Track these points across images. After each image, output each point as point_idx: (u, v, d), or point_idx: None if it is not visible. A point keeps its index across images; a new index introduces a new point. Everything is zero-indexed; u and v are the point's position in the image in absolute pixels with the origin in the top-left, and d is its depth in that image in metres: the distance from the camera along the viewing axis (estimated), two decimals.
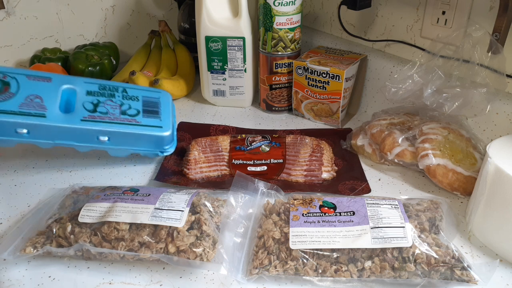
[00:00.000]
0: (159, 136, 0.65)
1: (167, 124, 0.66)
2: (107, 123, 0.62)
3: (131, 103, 0.65)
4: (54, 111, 0.60)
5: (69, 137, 0.61)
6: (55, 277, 0.50)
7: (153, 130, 0.64)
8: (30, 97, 0.60)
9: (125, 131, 0.62)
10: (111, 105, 0.64)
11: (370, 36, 0.88)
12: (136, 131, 0.63)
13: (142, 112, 0.65)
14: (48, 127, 0.59)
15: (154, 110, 0.67)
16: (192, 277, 0.50)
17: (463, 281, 0.46)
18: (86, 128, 0.61)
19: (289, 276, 0.49)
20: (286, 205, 0.55)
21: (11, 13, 0.96)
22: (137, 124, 0.63)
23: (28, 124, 0.58)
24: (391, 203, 0.53)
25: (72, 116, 0.61)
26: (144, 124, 0.64)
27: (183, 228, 0.50)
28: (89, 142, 0.62)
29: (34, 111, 0.59)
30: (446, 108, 0.67)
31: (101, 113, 0.62)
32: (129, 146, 0.65)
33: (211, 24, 0.84)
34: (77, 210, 0.54)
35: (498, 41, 0.64)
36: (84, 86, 0.65)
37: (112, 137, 0.62)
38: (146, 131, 0.64)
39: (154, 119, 0.65)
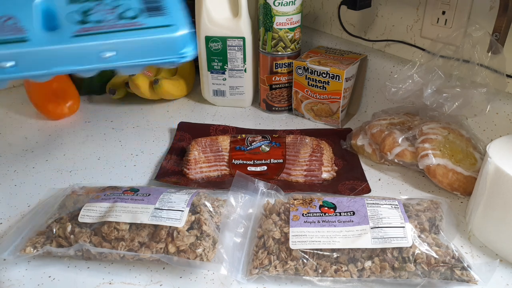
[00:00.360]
0: (171, 38, 0.51)
1: (178, 19, 0.52)
2: (105, 34, 0.49)
3: (126, 2, 0.52)
4: (36, 31, 0.48)
5: (66, 61, 0.49)
6: (55, 277, 0.50)
7: (162, 31, 0.50)
8: (1, 19, 0.48)
9: (129, 39, 0.50)
10: (103, 10, 0.51)
11: (370, 36, 0.88)
12: (143, 37, 0.50)
13: (143, 10, 0.52)
14: (35, 53, 0.47)
15: (157, 6, 0.53)
16: (192, 277, 0.50)
17: (463, 281, 0.46)
18: (81, 45, 0.48)
19: (289, 276, 0.49)
20: (286, 205, 0.55)
21: None
22: (140, 28, 0.50)
23: (10, 54, 0.47)
24: (391, 203, 0.53)
25: (59, 33, 0.49)
26: (150, 26, 0.50)
27: (183, 228, 0.50)
28: (91, 62, 0.50)
29: (11, 36, 0.47)
30: (446, 108, 0.67)
31: (94, 22, 0.50)
32: (138, 59, 0.52)
33: (211, 24, 0.84)
34: (77, 210, 0.54)
35: (498, 41, 0.64)
36: None
37: (118, 50, 0.50)
38: (154, 35, 0.50)
39: (160, 17, 0.51)
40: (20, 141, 0.80)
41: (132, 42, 0.50)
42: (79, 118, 0.88)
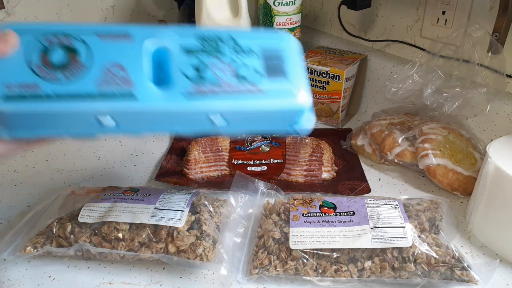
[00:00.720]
0: (291, 107, 0.43)
1: (299, 86, 0.43)
2: (220, 98, 0.42)
3: (245, 59, 0.44)
4: (145, 85, 0.41)
5: (170, 122, 0.43)
6: (55, 277, 0.50)
7: (284, 101, 0.43)
8: (109, 68, 0.40)
9: (246, 108, 0.42)
10: (220, 66, 0.43)
11: (370, 36, 0.88)
12: (262, 105, 0.42)
13: (264, 73, 0.43)
14: (141, 112, 0.40)
15: (279, 67, 0.44)
16: (192, 277, 0.50)
17: (463, 281, 0.46)
18: (191, 108, 0.41)
19: (289, 276, 0.49)
20: (286, 205, 0.55)
21: (11, 13, 0.96)
22: (261, 95, 0.42)
23: (115, 111, 0.40)
24: (391, 203, 0.53)
25: (170, 90, 0.41)
26: (271, 94, 0.43)
27: (183, 228, 0.50)
28: (197, 126, 0.43)
29: (118, 90, 0.40)
30: (446, 108, 0.67)
31: (208, 81, 0.42)
32: (249, 126, 0.45)
33: (211, 24, 0.84)
34: (77, 210, 0.54)
35: (498, 41, 0.64)
36: (177, 39, 0.44)
37: (229, 116, 0.43)
38: (275, 105, 0.43)
39: (280, 81, 0.43)
40: None
41: (246, 109, 0.43)
42: None
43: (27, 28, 0.40)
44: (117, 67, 0.40)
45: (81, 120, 0.39)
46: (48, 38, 0.40)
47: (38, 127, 0.39)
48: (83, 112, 0.39)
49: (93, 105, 0.38)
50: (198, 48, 0.44)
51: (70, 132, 0.41)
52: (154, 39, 0.43)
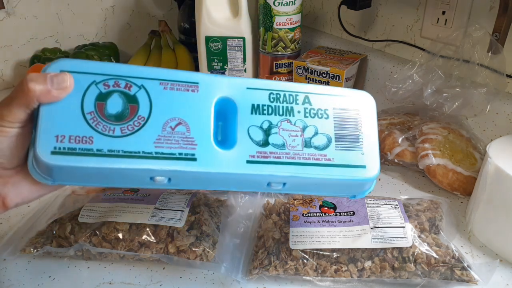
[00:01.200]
0: (359, 180, 0.40)
1: (373, 157, 0.40)
2: (283, 165, 0.38)
3: (317, 123, 0.40)
4: (208, 147, 0.37)
5: (228, 184, 0.39)
6: (55, 277, 0.50)
7: (351, 172, 0.39)
8: (170, 124, 0.36)
9: (309, 176, 0.38)
10: (289, 130, 0.39)
11: (370, 36, 0.88)
12: (326, 175, 0.39)
13: (334, 139, 0.40)
14: (199, 174, 0.37)
15: (353, 136, 0.40)
16: (192, 277, 0.50)
17: (463, 281, 0.46)
18: (253, 173, 0.38)
19: (289, 276, 0.49)
20: (286, 205, 0.55)
21: (11, 13, 0.96)
22: (328, 164, 0.39)
23: (170, 172, 0.36)
24: (391, 203, 0.53)
25: (234, 154, 0.37)
26: (338, 164, 0.39)
27: (183, 228, 0.50)
28: (254, 188, 0.42)
29: (178, 150, 0.36)
30: (446, 108, 0.67)
31: (275, 146, 0.38)
32: (311, 192, 0.44)
33: (211, 24, 0.84)
34: (77, 210, 0.54)
35: (498, 41, 0.64)
36: (247, 94, 0.39)
37: (289, 184, 0.40)
38: (341, 175, 0.39)
39: (352, 151, 0.40)
40: None
41: (309, 179, 0.39)
42: None
43: (82, 66, 0.36)
44: (178, 123, 0.36)
45: (133, 177, 0.37)
46: (106, 81, 0.36)
47: (86, 180, 0.37)
48: (137, 171, 0.35)
49: (149, 165, 0.35)
50: (268, 107, 0.39)
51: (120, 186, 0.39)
52: (223, 92, 0.38)
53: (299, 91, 0.40)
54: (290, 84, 0.40)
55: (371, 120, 0.42)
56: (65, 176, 0.36)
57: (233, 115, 0.38)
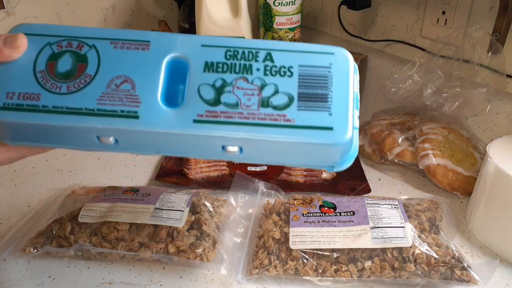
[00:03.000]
0: (327, 144, 0.35)
1: (342, 119, 0.35)
2: (235, 126, 0.35)
3: (279, 81, 0.36)
4: (153, 105, 0.35)
5: (178, 147, 0.38)
6: (55, 277, 0.50)
7: (314, 134, 0.34)
8: (116, 82, 0.36)
9: (265, 139, 0.35)
10: (245, 89, 0.36)
11: (370, 36, 0.88)
12: (285, 138, 0.35)
13: (297, 98, 0.35)
14: (143, 133, 0.36)
15: (320, 95, 0.35)
16: (192, 277, 0.50)
17: (463, 281, 0.46)
18: (201, 134, 0.35)
19: (289, 276, 0.49)
20: (286, 205, 0.55)
21: (11, 13, 0.96)
22: (287, 126, 0.35)
23: (113, 130, 0.35)
24: (391, 203, 0.53)
25: (180, 113, 0.35)
26: (299, 125, 0.35)
27: (183, 228, 0.50)
28: (209, 154, 0.38)
29: (120, 107, 0.35)
30: (446, 108, 0.67)
31: (227, 105, 0.35)
32: (273, 161, 0.39)
33: (211, 24, 0.84)
34: (77, 210, 0.54)
35: (498, 41, 0.64)
36: (202, 53, 0.37)
37: (246, 149, 0.36)
38: (303, 138, 0.34)
39: (317, 111, 0.35)
40: None
41: (269, 143, 0.35)
42: None
43: (40, 29, 0.37)
44: (124, 81, 0.36)
45: (80, 136, 0.36)
46: (60, 42, 0.36)
47: (37, 139, 0.37)
48: (81, 129, 0.35)
49: (92, 123, 0.35)
50: (224, 65, 0.37)
51: (71, 146, 0.38)
52: (176, 51, 0.37)
53: (260, 48, 0.37)
54: (252, 41, 0.37)
55: (345, 78, 0.36)
56: (17, 134, 0.36)
57: (184, 74, 0.36)
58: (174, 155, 0.39)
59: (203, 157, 0.39)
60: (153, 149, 0.38)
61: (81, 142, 0.37)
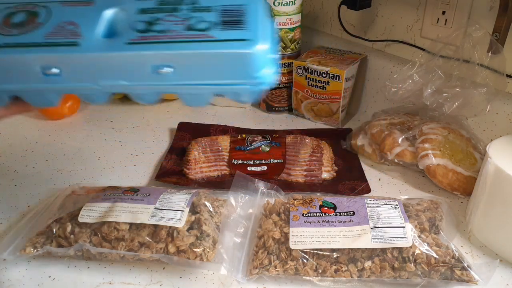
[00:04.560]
0: (246, 54, 0.39)
1: (257, 34, 0.40)
2: (163, 44, 0.40)
3: (202, 15, 0.42)
4: (92, 37, 0.41)
5: (114, 73, 0.41)
6: (55, 277, 0.50)
7: (235, 45, 0.40)
8: (61, 25, 0.42)
9: (191, 52, 0.40)
10: (172, 20, 0.42)
11: (370, 36, 0.88)
12: (210, 49, 0.40)
13: (218, 23, 0.41)
14: (82, 59, 0.40)
15: (237, 20, 0.42)
16: (192, 277, 0.50)
17: (463, 281, 0.46)
18: (134, 54, 0.40)
19: (289, 276, 0.49)
20: (286, 205, 0.55)
21: None
22: (210, 40, 0.40)
23: (57, 58, 0.40)
24: (391, 203, 0.53)
25: (114, 41, 0.41)
26: (220, 39, 0.40)
27: (183, 228, 0.50)
28: (143, 78, 0.41)
29: (64, 39, 0.41)
30: (446, 108, 0.67)
31: (156, 32, 0.41)
32: (204, 80, 0.42)
33: None
34: (77, 210, 0.54)
35: (498, 41, 0.64)
36: (137, 4, 0.44)
37: (174, 64, 0.40)
38: (225, 48, 0.40)
39: (236, 30, 0.41)
40: (20, 141, 0.80)
41: (194, 56, 0.40)
42: (79, 118, 0.88)
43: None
44: (70, 24, 0.42)
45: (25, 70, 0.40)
46: (16, 6, 0.43)
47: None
48: (27, 60, 0.40)
49: (37, 52, 0.40)
50: (155, 8, 0.44)
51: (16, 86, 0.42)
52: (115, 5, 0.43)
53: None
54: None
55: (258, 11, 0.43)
56: None
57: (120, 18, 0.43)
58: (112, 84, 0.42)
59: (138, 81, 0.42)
60: (93, 79, 0.42)
61: (26, 77, 0.41)
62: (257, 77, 0.41)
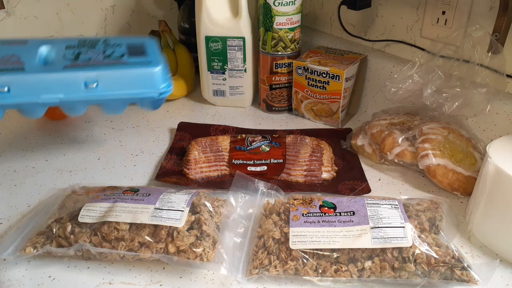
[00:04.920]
0: (149, 72, 0.59)
1: (156, 59, 0.61)
2: (91, 67, 0.58)
3: (114, 49, 0.62)
4: (33, 64, 0.57)
5: (54, 89, 0.56)
6: (55, 277, 0.50)
7: (141, 66, 0.59)
8: (5, 57, 0.57)
9: (112, 71, 0.58)
10: (93, 52, 0.61)
11: (370, 36, 0.88)
12: (124, 70, 0.58)
13: (128, 54, 0.61)
14: (29, 79, 0.55)
15: (140, 51, 0.63)
16: (192, 277, 0.50)
17: (463, 281, 0.46)
18: (70, 75, 0.56)
19: (289, 276, 0.49)
20: (286, 205, 0.55)
21: (11, 13, 0.96)
22: (123, 63, 0.59)
23: (6, 80, 0.54)
24: (391, 203, 0.53)
25: (53, 66, 0.58)
26: (131, 62, 0.59)
27: (183, 228, 0.50)
28: (77, 92, 0.57)
29: (11, 66, 0.55)
30: (446, 108, 0.67)
31: (83, 60, 0.59)
32: (120, 90, 0.59)
33: (211, 24, 0.84)
34: (77, 210, 0.54)
35: (498, 41, 0.64)
36: (63, 43, 0.62)
37: (100, 80, 0.57)
38: (135, 69, 0.59)
39: (141, 57, 0.61)
40: (20, 141, 0.80)
41: (114, 74, 0.58)
42: (79, 118, 0.88)
43: None
44: (12, 56, 0.57)
45: None
46: None
47: None
48: None
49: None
50: (78, 45, 0.62)
51: None
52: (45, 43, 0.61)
53: (100, 38, 0.66)
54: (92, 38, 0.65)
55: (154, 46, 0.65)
56: None
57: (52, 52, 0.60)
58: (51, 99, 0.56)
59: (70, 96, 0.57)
60: (36, 95, 0.56)
61: None
62: (159, 89, 0.60)
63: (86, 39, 0.64)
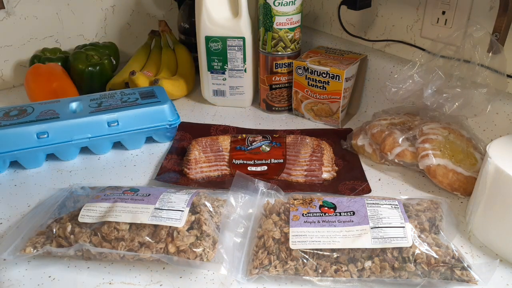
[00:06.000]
0: (160, 108, 0.76)
1: (164, 99, 0.78)
2: (112, 110, 0.73)
3: (129, 96, 0.79)
4: (66, 113, 0.73)
5: (83, 130, 0.71)
6: (55, 277, 0.50)
7: (153, 105, 0.76)
8: (44, 111, 0.73)
9: (129, 111, 0.74)
10: (113, 100, 0.77)
11: (370, 36, 0.88)
12: (139, 109, 0.75)
13: (140, 98, 0.78)
14: (63, 125, 0.70)
15: (150, 94, 0.79)
16: (192, 277, 0.50)
17: (463, 281, 0.46)
18: (95, 117, 0.72)
19: (289, 276, 0.49)
20: (286, 205, 0.55)
21: (11, 13, 0.96)
22: (138, 104, 0.75)
23: (46, 127, 0.69)
24: (391, 203, 0.53)
25: (81, 113, 0.73)
26: (144, 103, 0.76)
27: (183, 228, 0.50)
28: (102, 130, 0.72)
29: (49, 117, 0.71)
30: (446, 108, 0.67)
31: (105, 106, 0.75)
32: (137, 126, 0.75)
33: (211, 24, 0.84)
34: (77, 210, 0.54)
35: (498, 41, 0.64)
36: (88, 97, 0.78)
37: (120, 120, 0.73)
38: (148, 107, 0.75)
39: (151, 99, 0.78)
40: None
41: (131, 113, 0.74)
42: None
43: None
44: (49, 111, 0.73)
45: (25, 137, 0.69)
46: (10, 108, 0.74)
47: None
48: (27, 130, 0.69)
49: (33, 126, 0.69)
50: (100, 97, 0.78)
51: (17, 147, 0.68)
52: (74, 101, 0.77)
53: (117, 91, 0.81)
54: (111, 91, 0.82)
55: (162, 91, 0.82)
56: None
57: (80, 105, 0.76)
58: (82, 138, 0.72)
59: (97, 134, 0.73)
60: (70, 136, 0.71)
61: (25, 142, 0.69)
62: (169, 121, 0.77)
63: (106, 93, 0.80)
